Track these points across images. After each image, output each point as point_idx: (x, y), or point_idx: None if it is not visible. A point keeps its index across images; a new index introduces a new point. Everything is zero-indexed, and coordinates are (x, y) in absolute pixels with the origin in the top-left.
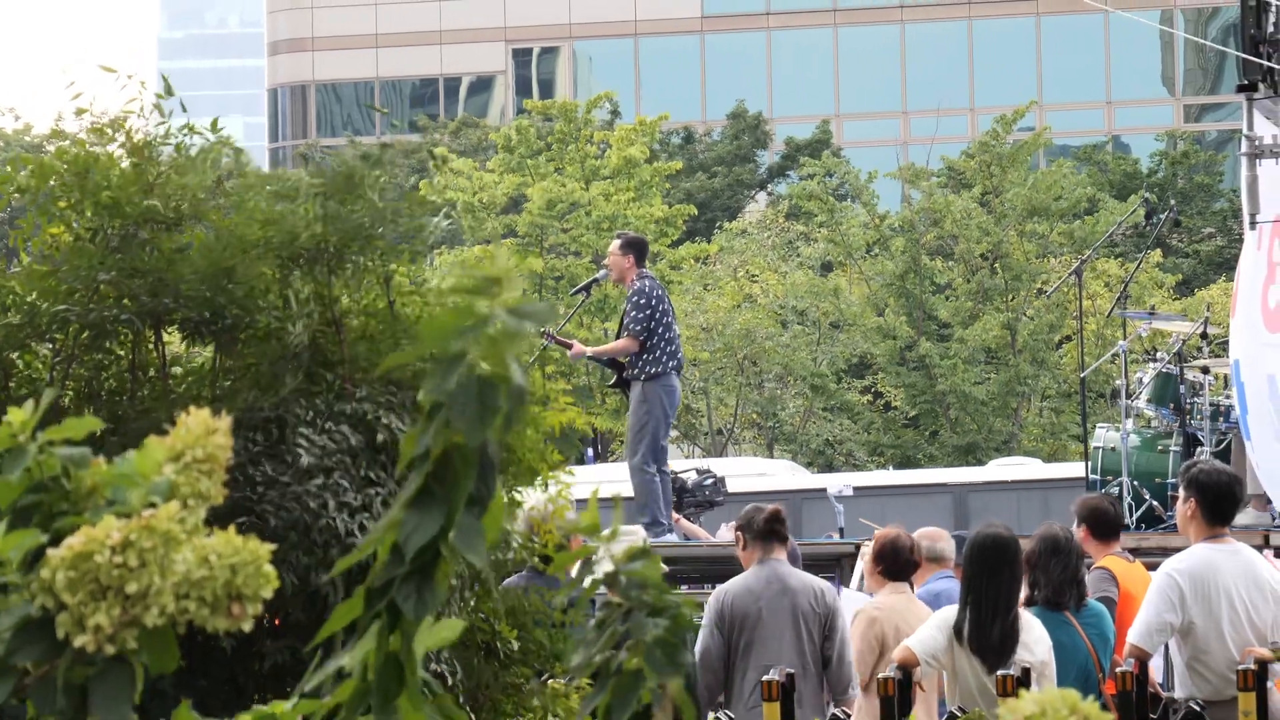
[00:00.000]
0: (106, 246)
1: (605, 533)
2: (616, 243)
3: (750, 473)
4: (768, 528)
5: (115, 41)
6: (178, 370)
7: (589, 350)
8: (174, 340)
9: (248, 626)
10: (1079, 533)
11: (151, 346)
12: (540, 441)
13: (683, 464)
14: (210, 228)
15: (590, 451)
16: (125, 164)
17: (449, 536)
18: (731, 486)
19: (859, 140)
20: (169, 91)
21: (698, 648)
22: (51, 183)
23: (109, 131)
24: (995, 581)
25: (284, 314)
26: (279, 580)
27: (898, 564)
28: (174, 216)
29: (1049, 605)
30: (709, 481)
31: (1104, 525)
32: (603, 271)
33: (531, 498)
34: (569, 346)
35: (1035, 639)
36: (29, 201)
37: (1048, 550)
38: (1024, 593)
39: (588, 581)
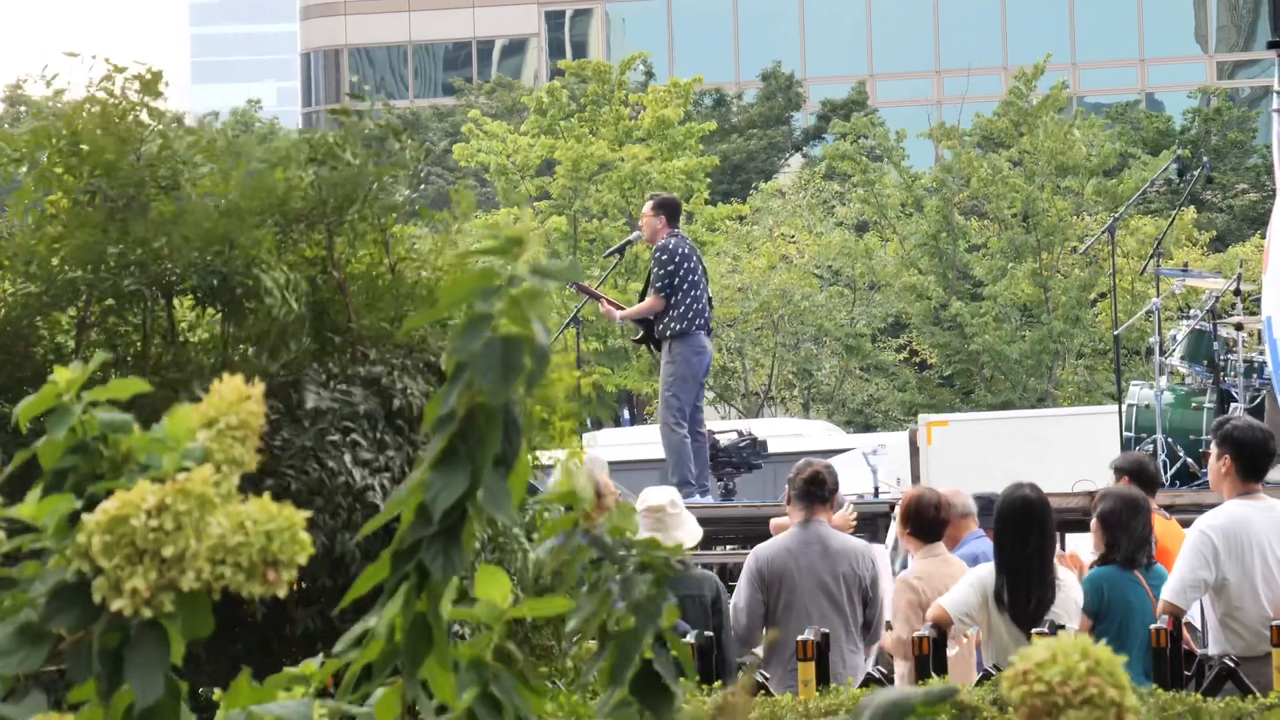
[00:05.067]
0: (106, 211)
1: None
2: (649, 204)
3: (786, 433)
4: (805, 489)
5: (143, 6)
6: (204, 335)
7: (618, 314)
8: (186, 308)
9: (282, 592)
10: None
11: (163, 315)
12: (558, 399)
13: (720, 425)
14: (207, 194)
15: (626, 413)
16: (105, 126)
17: (476, 496)
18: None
19: (893, 100)
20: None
21: (734, 599)
22: (45, 149)
23: (90, 99)
24: (1027, 545)
25: (287, 279)
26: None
27: (924, 523)
28: (170, 180)
29: (1126, 564)
30: (746, 444)
31: (1149, 481)
32: (636, 233)
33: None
34: (598, 298)
35: (1068, 598)
36: (26, 168)
37: (1129, 509)
38: (1100, 552)
39: (567, 547)
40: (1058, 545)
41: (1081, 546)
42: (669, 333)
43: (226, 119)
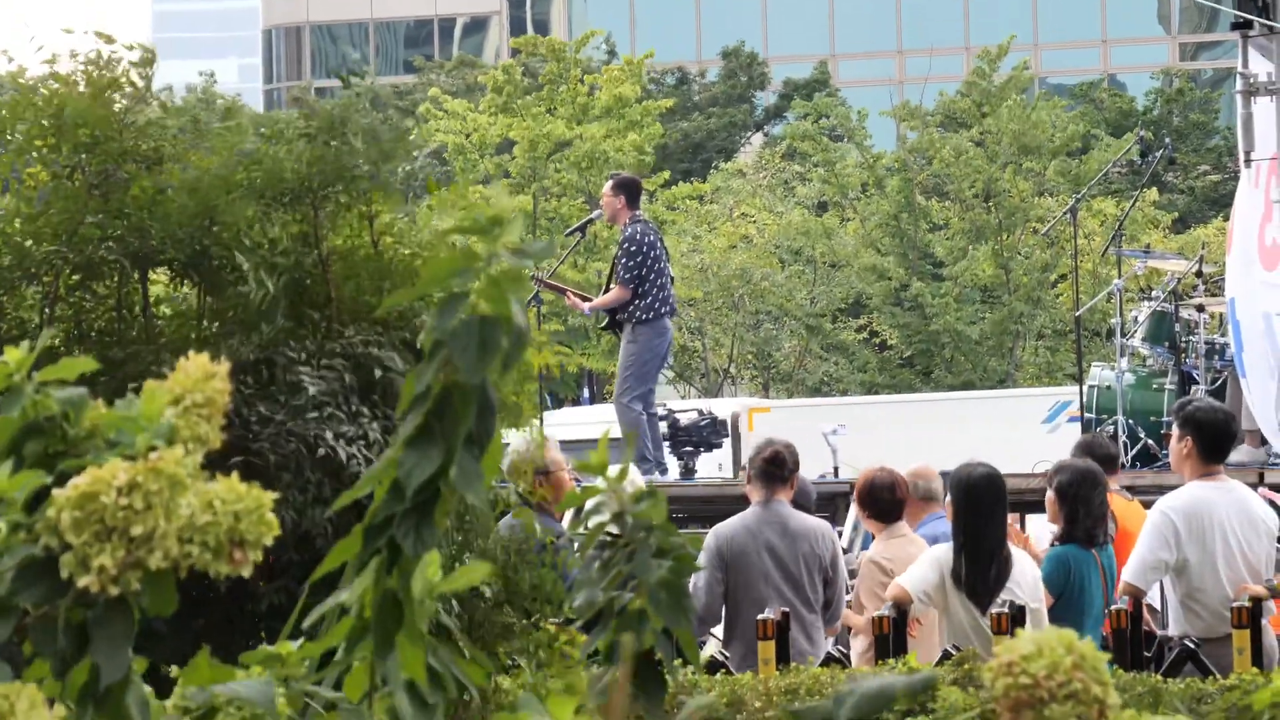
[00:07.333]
0: (87, 185)
1: (613, 473)
2: (609, 185)
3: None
4: (764, 468)
5: None
6: (167, 311)
7: (586, 306)
8: (161, 282)
9: (248, 572)
10: None
11: (138, 288)
12: (523, 380)
13: (680, 404)
14: (191, 168)
15: (586, 392)
16: (90, 98)
17: (448, 474)
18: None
19: (855, 80)
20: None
21: (694, 579)
22: (26, 122)
23: (77, 72)
24: (987, 520)
25: (268, 255)
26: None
27: (880, 506)
28: (154, 155)
29: (1087, 541)
30: (705, 422)
31: (1104, 460)
32: (597, 212)
33: (508, 437)
34: (563, 292)
35: (1023, 574)
36: (4, 143)
37: (1089, 483)
38: (1060, 526)
39: (593, 523)
40: (1015, 524)
41: (1043, 528)
42: (634, 320)
43: (185, 95)
